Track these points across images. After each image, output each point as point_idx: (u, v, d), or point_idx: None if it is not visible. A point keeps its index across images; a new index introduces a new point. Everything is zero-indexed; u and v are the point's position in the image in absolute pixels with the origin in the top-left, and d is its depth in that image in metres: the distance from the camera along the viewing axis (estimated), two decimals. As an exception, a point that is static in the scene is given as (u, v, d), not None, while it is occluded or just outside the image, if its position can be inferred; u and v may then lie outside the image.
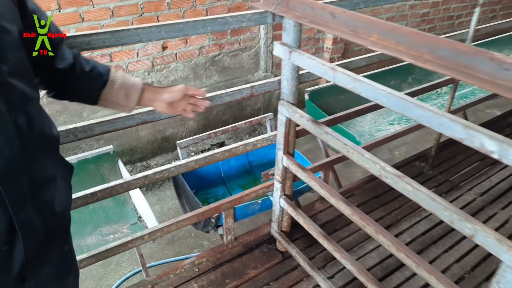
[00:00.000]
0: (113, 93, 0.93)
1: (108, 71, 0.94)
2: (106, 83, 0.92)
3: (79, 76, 0.89)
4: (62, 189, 0.80)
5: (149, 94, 1.00)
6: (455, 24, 4.61)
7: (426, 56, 0.85)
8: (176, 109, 1.06)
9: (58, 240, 0.83)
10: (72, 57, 0.88)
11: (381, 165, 1.07)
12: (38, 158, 0.72)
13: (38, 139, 0.71)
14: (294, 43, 1.27)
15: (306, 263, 1.63)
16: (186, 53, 3.00)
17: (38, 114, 0.71)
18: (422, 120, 0.91)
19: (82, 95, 0.93)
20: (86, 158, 1.76)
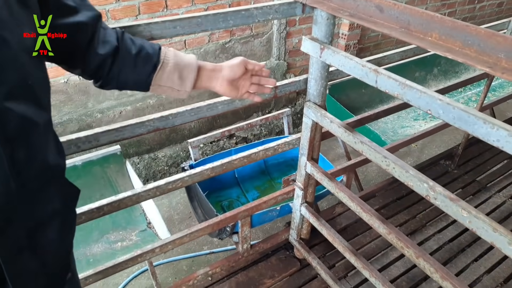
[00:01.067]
0: (165, 77, 0.79)
1: (159, 52, 0.80)
2: (157, 67, 0.78)
3: (126, 61, 0.75)
4: (65, 224, 0.67)
5: (206, 73, 0.85)
6: (476, 9, 4.37)
7: (504, 63, 0.70)
8: (239, 90, 0.91)
9: (62, 275, 0.71)
10: (115, 38, 0.75)
11: (430, 185, 0.93)
12: (39, 195, 0.59)
13: (40, 173, 0.57)
14: (326, 39, 1.11)
15: (327, 274, 1.52)
16: (195, 40, 2.82)
17: (42, 142, 0.58)
18: (492, 140, 0.76)
19: (132, 82, 0.79)
20: (91, 159, 1.63)
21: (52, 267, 0.64)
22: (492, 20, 4.50)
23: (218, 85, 0.87)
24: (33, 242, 0.57)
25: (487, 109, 2.17)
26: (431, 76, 2.68)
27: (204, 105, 1.09)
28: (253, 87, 0.93)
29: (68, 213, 0.68)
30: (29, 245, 0.56)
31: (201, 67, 0.85)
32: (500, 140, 0.74)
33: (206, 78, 0.86)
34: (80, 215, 1.05)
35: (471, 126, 0.78)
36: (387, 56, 1.42)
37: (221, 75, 0.87)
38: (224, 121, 3.24)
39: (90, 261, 1.53)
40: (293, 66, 3.43)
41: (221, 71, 0.87)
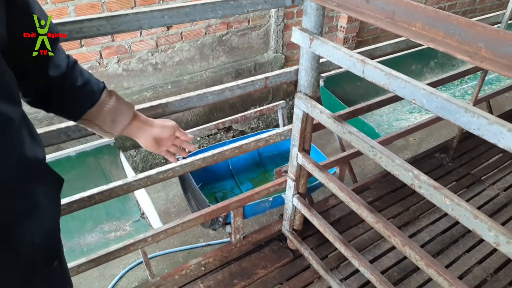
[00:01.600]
0: (99, 116, 0.81)
1: (102, 90, 0.81)
2: (95, 105, 0.79)
3: (68, 89, 0.76)
4: (46, 215, 0.67)
5: (138, 124, 0.89)
6: (477, 1, 4.35)
7: (483, 52, 0.70)
8: (160, 148, 0.96)
9: (44, 264, 0.71)
10: (66, 65, 0.75)
11: (415, 173, 0.94)
12: (18, 190, 0.59)
13: (18, 169, 0.57)
14: (315, 29, 1.11)
15: (319, 265, 1.54)
16: (192, 32, 2.82)
17: (18, 137, 0.58)
18: (472, 128, 0.77)
19: (64, 110, 0.79)
20: (85, 150, 1.64)
21: (31, 257, 0.64)
22: (493, 14, 4.48)
23: (143, 138, 0.91)
24: (9, 235, 0.58)
25: (482, 102, 2.17)
26: (428, 69, 2.68)
27: (194, 95, 1.10)
28: (173, 148, 0.99)
29: (50, 203, 0.68)
30: (4, 238, 0.57)
31: (135, 117, 0.88)
32: (481, 128, 0.75)
33: (136, 128, 0.89)
34: (71, 204, 1.06)
35: (453, 115, 0.79)
36: (379, 48, 1.42)
37: (150, 130, 0.91)
38: (221, 114, 3.25)
39: (84, 251, 1.55)
40: (291, 59, 3.43)
41: (151, 127, 0.91)
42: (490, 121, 0.73)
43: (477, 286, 1.61)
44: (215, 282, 1.56)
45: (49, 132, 0.91)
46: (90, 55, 2.51)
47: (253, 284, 1.58)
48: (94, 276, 2.24)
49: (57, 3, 2.22)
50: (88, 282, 2.19)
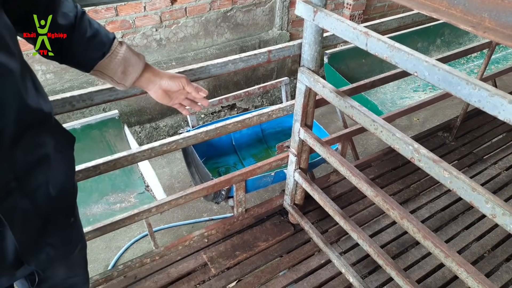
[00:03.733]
0: (110, 68, 0.81)
1: (112, 42, 0.80)
2: (105, 56, 0.79)
3: (78, 41, 0.76)
4: (58, 168, 0.71)
5: (148, 75, 0.89)
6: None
7: (487, 23, 0.70)
8: (172, 100, 0.96)
9: (60, 218, 0.75)
10: (74, 15, 0.74)
11: (414, 147, 0.95)
12: (24, 140, 0.61)
13: (20, 118, 0.60)
14: (319, 1, 1.10)
15: (319, 238, 1.57)
16: (196, 7, 2.79)
17: (19, 88, 0.59)
18: (473, 100, 0.77)
19: (76, 61, 0.80)
20: (90, 123, 1.66)
21: (46, 209, 0.68)
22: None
23: (153, 89, 0.91)
24: (23, 183, 0.61)
25: (488, 80, 2.15)
26: (434, 47, 2.64)
27: (197, 67, 1.10)
28: (186, 101, 0.98)
29: (61, 158, 0.71)
30: (18, 187, 0.60)
31: (146, 68, 0.88)
32: (481, 100, 0.76)
33: (146, 80, 0.89)
34: (77, 173, 1.09)
35: (454, 87, 0.80)
36: (384, 22, 1.40)
37: (160, 82, 0.90)
38: (225, 91, 3.25)
39: (90, 221, 1.59)
40: (296, 36, 3.39)
41: (161, 78, 0.91)
42: (491, 93, 0.74)
43: (474, 262, 1.65)
44: (218, 254, 1.60)
45: (54, 101, 0.93)
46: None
47: (254, 256, 1.62)
48: (100, 248, 2.31)
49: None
50: (95, 253, 2.25)
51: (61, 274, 0.79)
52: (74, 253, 0.83)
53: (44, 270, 0.71)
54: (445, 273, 1.55)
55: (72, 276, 0.84)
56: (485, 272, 1.58)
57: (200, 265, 1.55)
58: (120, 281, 1.46)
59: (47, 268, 0.74)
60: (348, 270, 1.44)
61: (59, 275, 0.78)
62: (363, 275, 1.52)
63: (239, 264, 1.58)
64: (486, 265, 1.62)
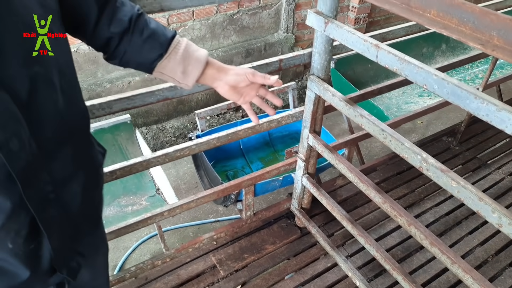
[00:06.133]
0: (169, 67, 0.79)
1: (170, 41, 0.78)
2: (163, 56, 0.78)
3: (133, 43, 0.75)
4: (91, 179, 0.74)
5: (211, 72, 0.84)
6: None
7: (496, 41, 0.73)
8: (242, 97, 0.89)
9: (89, 227, 0.79)
10: (128, 19, 0.74)
11: (423, 156, 0.98)
12: (62, 153, 0.64)
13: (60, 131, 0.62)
14: (330, 13, 1.13)
15: (325, 242, 1.60)
16: (203, 10, 2.82)
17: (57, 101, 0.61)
18: (481, 114, 0.80)
19: (135, 63, 0.80)
20: (103, 127, 1.69)
21: (79, 218, 0.71)
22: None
23: (220, 86, 0.87)
24: (59, 194, 0.64)
25: (493, 86, 2.18)
26: (439, 52, 2.66)
27: (211, 77, 1.13)
28: (257, 100, 0.92)
29: (93, 170, 0.74)
30: (56, 197, 0.63)
31: (208, 65, 0.84)
32: (489, 114, 0.79)
33: (210, 77, 0.85)
34: (94, 178, 1.12)
35: (463, 101, 0.82)
36: (392, 31, 1.43)
37: (225, 78, 0.86)
38: (231, 94, 3.27)
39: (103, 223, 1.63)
40: (301, 39, 3.42)
41: (226, 74, 0.86)
42: (498, 108, 0.77)
43: (478, 266, 1.67)
44: (226, 256, 1.64)
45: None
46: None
47: (262, 259, 1.66)
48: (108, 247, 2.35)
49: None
50: (103, 253, 2.29)
51: (86, 279, 0.83)
52: (98, 256, 0.87)
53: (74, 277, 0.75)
54: (450, 277, 1.58)
55: (95, 279, 0.87)
56: (488, 277, 1.61)
57: (209, 267, 1.58)
58: (132, 282, 1.50)
59: (76, 275, 0.77)
60: (354, 273, 1.47)
61: (84, 280, 0.82)
62: (369, 279, 1.55)
63: (247, 267, 1.61)
64: (489, 270, 1.65)
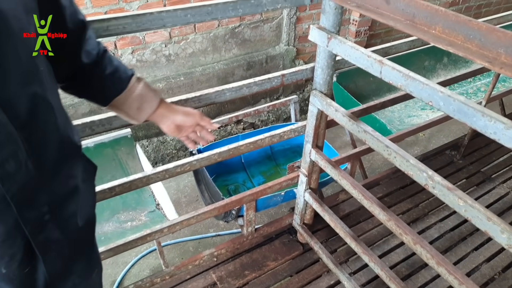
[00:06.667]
0: (126, 103, 0.84)
1: (130, 78, 0.83)
2: (122, 92, 0.82)
3: (97, 77, 0.79)
4: (85, 198, 0.73)
5: (162, 111, 0.91)
6: None
7: (503, 58, 0.71)
8: (181, 133, 0.98)
9: (84, 247, 0.77)
10: (96, 53, 0.78)
11: (429, 174, 0.96)
12: (58, 173, 0.63)
13: (55, 152, 0.61)
14: (333, 28, 1.12)
15: (328, 259, 1.57)
16: (205, 24, 2.83)
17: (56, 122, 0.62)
18: (489, 132, 0.78)
19: (94, 96, 0.83)
20: (103, 142, 1.68)
21: (74, 240, 0.69)
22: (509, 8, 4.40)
23: (166, 124, 0.93)
24: (55, 216, 0.62)
25: (495, 100, 2.17)
26: (441, 65, 2.66)
27: (212, 92, 1.12)
28: (193, 135, 1.00)
29: (87, 189, 0.73)
30: (52, 218, 0.61)
31: (161, 104, 0.90)
32: (497, 132, 0.77)
33: (160, 115, 0.91)
34: (93, 195, 1.10)
35: (470, 118, 0.81)
36: (394, 46, 1.42)
37: (173, 118, 0.93)
38: (232, 106, 3.27)
39: (101, 239, 1.60)
40: (302, 52, 3.43)
41: (174, 114, 0.93)
42: (507, 126, 0.75)
43: (485, 284, 1.64)
44: (227, 273, 1.60)
45: (75, 126, 0.94)
46: (105, 45, 2.53)
47: (263, 276, 1.62)
48: (107, 263, 2.30)
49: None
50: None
51: None
52: (92, 277, 0.84)
53: None
54: (456, 296, 1.54)
55: None
56: (496, 295, 1.57)
57: (209, 285, 1.55)
58: (130, 300, 1.47)
59: None
60: (358, 291, 1.43)
61: None
62: (373, 297, 1.52)
63: (248, 284, 1.58)
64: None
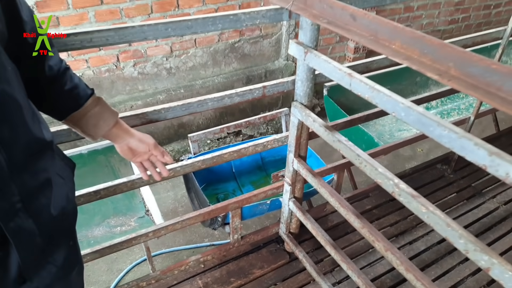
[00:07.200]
0: (83, 120, 0.88)
1: (88, 97, 0.88)
2: (79, 108, 0.87)
3: (56, 91, 0.84)
4: (59, 191, 0.78)
5: (117, 131, 0.95)
6: (492, 14, 4.33)
7: (452, 71, 0.76)
8: (135, 158, 1.01)
9: (61, 239, 0.82)
10: (57, 69, 0.83)
11: (395, 182, 1.00)
12: (29, 166, 0.69)
13: (25, 146, 0.67)
14: (310, 43, 1.18)
15: (312, 268, 1.59)
16: (205, 38, 2.93)
17: (23, 119, 0.67)
18: (443, 141, 0.83)
19: (51, 110, 0.88)
20: (96, 149, 1.75)
21: (48, 230, 0.74)
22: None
23: (120, 145, 0.97)
24: (26, 206, 0.67)
25: (487, 114, 2.20)
26: (433, 81, 2.70)
27: (195, 101, 1.18)
28: (147, 163, 1.03)
29: (63, 184, 0.78)
30: (23, 207, 0.66)
31: (117, 125, 0.94)
32: (451, 142, 0.81)
33: (115, 135, 0.95)
34: (78, 197, 1.16)
35: (427, 128, 0.85)
36: (376, 61, 1.48)
37: (128, 140, 0.97)
38: (231, 118, 3.34)
39: (91, 243, 1.65)
40: (301, 67, 3.51)
41: (129, 137, 0.97)
42: (459, 135, 0.79)
43: (470, 297, 1.64)
44: (213, 279, 1.63)
45: (61, 130, 1.01)
46: (108, 58, 2.64)
47: (249, 284, 1.65)
48: (102, 270, 2.35)
49: (78, 8, 2.36)
50: (96, 275, 2.30)
51: None
52: (72, 274, 0.89)
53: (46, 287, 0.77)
54: (438, 307, 1.55)
55: None
56: (479, 308, 1.57)
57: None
58: (116, 303, 1.50)
59: (48, 286, 0.79)
60: (339, 300, 1.45)
61: None
62: (355, 306, 1.53)
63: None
64: (481, 301, 1.61)
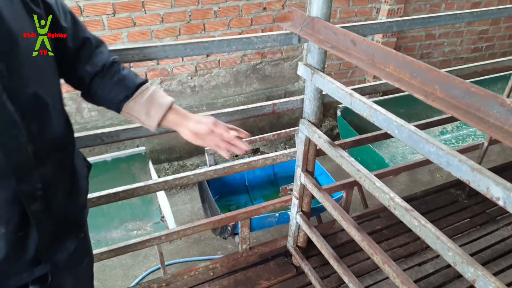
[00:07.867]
0: (135, 109, 0.93)
1: (137, 87, 0.92)
2: (129, 98, 0.92)
3: (103, 85, 0.91)
4: (74, 184, 0.88)
5: (173, 117, 0.95)
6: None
7: (438, 93, 0.83)
8: (205, 141, 0.97)
9: (74, 229, 0.91)
10: (102, 65, 0.90)
11: (391, 196, 1.05)
12: (50, 160, 0.79)
13: (50, 142, 0.77)
14: (317, 65, 1.28)
15: (318, 283, 1.63)
16: (228, 60, 3.08)
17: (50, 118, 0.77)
18: (432, 157, 0.89)
19: (104, 103, 0.95)
20: (119, 157, 1.88)
21: (63, 217, 0.84)
22: (536, 55, 4.39)
23: (182, 131, 0.96)
24: (46, 193, 0.77)
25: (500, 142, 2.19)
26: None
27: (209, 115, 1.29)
28: (223, 143, 0.98)
29: (77, 179, 0.89)
30: (43, 194, 0.77)
31: (171, 111, 0.94)
32: (439, 158, 0.87)
33: (172, 122, 0.95)
34: (99, 198, 1.27)
35: (417, 145, 0.92)
36: (383, 84, 1.55)
37: (187, 125, 0.95)
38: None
39: (108, 244, 1.76)
40: (321, 89, 3.60)
41: (188, 121, 0.95)
42: (445, 152, 0.85)
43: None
44: (221, 287, 1.70)
45: (88, 135, 1.14)
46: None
47: (255, 294, 1.70)
48: (118, 275, 2.45)
49: (113, 29, 2.57)
50: (113, 280, 2.40)
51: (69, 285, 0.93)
52: (82, 265, 0.98)
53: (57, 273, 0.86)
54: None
55: None
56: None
57: (203, 297, 1.65)
58: (128, 303, 1.59)
59: (59, 272, 0.87)
60: (341, 315, 1.48)
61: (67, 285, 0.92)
62: (358, 323, 1.55)
63: (239, 300, 1.66)
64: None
